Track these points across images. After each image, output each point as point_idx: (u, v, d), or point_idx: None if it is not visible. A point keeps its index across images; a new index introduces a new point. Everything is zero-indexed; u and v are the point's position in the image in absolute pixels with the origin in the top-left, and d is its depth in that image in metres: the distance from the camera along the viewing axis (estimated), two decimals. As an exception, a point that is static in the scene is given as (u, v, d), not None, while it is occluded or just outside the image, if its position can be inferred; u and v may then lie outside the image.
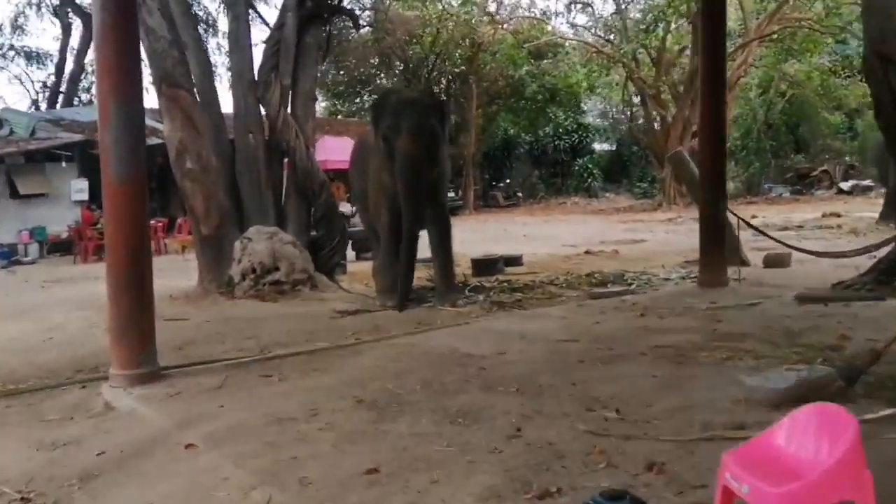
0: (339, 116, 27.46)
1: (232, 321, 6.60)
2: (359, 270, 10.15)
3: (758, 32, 20.45)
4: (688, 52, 21.73)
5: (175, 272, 9.09)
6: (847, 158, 25.95)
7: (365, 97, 28.58)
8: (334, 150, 18.08)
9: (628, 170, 29.38)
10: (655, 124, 22.59)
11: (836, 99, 23.89)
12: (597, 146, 30.68)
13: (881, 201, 20.54)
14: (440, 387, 3.91)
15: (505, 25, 25.20)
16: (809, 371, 3.70)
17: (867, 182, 23.14)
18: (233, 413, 3.66)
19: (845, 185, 23.10)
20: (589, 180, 27.99)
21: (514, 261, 9.78)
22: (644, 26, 20.02)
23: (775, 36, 21.19)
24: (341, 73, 26.59)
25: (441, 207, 7.24)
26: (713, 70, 6.72)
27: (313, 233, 8.92)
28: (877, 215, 15.54)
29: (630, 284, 7.86)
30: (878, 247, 6.84)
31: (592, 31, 22.29)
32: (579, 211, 23.76)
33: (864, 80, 25.07)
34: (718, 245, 6.62)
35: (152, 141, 11.36)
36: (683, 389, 3.66)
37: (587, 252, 11.24)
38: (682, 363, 4.11)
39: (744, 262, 9.00)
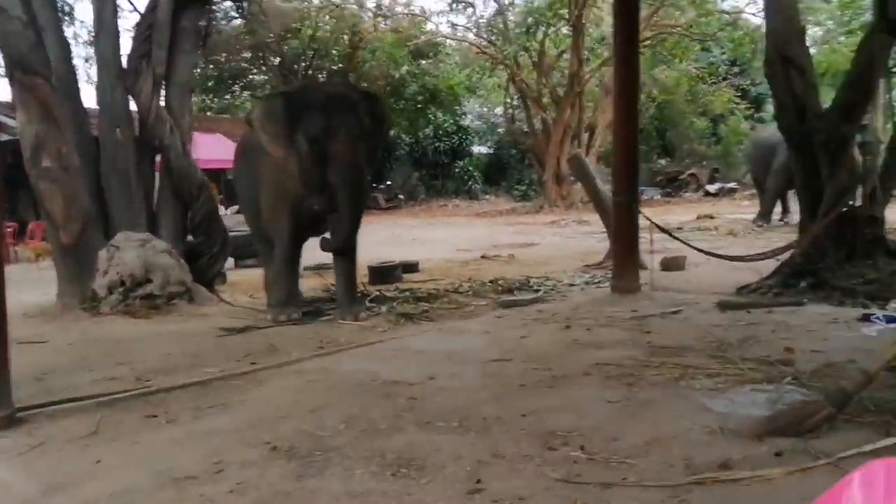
0: (209, 113, 25.98)
1: (99, 343, 5.69)
2: (240, 279, 9.31)
3: (633, 38, 20.87)
4: (567, 55, 21.96)
5: (28, 284, 7.93)
6: (705, 163, 27.16)
7: (237, 93, 27.23)
8: (205, 149, 16.95)
9: (507, 172, 29.51)
10: (536, 127, 22.66)
11: (702, 105, 24.90)
12: (475, 149, 30.66)
13: (746, 203, 21.58)
14: (368, 424, 3.31)
15: (385, 22, 24.65)
16: (777, 391, 3.38)
17: (731, 185, 24.27)
18: (114, 472, 2.91)
19: (712, 188, 24.09)
20: (469, 182, 27.87)
21: (411, 267, 9.24)
22: (524, 28, 19.95)
23: (647, 42, 21.73)
24: (211, 66, 25.15)
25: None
26: (625, 71, 6.46)
27: (190, 239, 8.02)
28: (748, 217, 16.13)
29: (537, 291, 7.52)
30: (783, 250, 6.79)
31: (474, 31, 22.05)
32: (462, 213, 23.54)
33: (730, 86, 26.48)
34: (632, 249, 6.35)
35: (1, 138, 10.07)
36: (647, 418, 3.24)
37: (483, 257, 10.86)
38: (632, 384, 3.70)
39: (640, 266, 8.90)
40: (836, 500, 1.82)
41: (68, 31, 21.48)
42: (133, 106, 7.71)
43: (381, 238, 14.36)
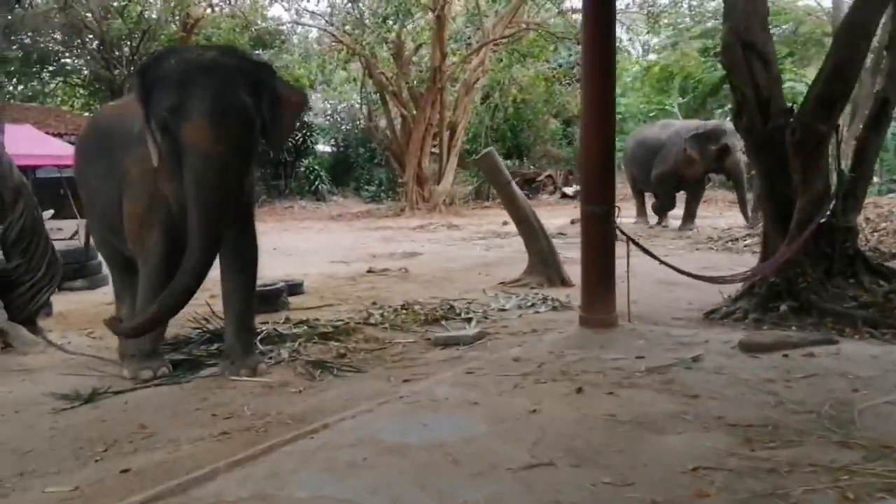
0: (14, 101, 22.35)
1: None
2: (70, 309, 7.22)
3: (493, 34, 20.01)
4: (424, 48, 20.73)
5: None
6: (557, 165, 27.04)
7: (46, 78, 23.70)
8: (13, 142, 14.12)
9: (354, 172, 27.83)
10: (395, 124, 21.19)
11: (558, 105, 24.57)
12: (319, 147, 28.73)
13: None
14: None
15: (221, 5, 22.26)
16: None
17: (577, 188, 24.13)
18: None
19: (569, 191, 23.82)
20: (316, 182, 25.90)
21: (294, 288, 7.53)
22: (381, 18, 18.46)
23: (505, 40, 20.98)
24: (14, 47, 21.60)
25: (249, 228, 4.86)
26: (600, 62, 5.20)
27: (2, 260, 5.91)
28: (626, 219, 15.66)
29: (468, 320, 6.15)
30: (768, 269, 5.82)
31: (326, 19, 20.22)
32: (312, 217, 21.64)
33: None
34: (606, 273, 5.11)
35: None
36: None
37: (370, 271, 9.31)
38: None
39: (564, 282, 7.81)
40: None
41: None
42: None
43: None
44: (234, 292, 4.74)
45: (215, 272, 5.04)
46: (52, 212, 18.44)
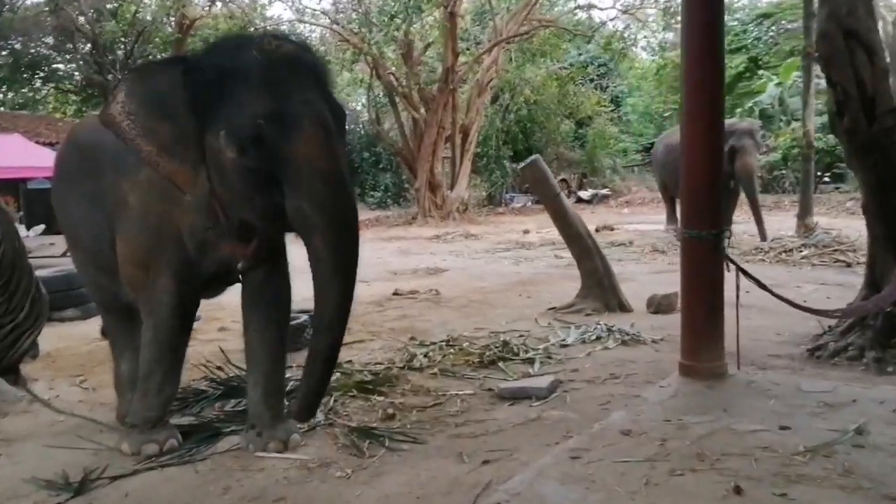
0: (3, 108, 21.35)
1: None
2: (59, 348, 6.27)
3: (506, 32, 19.06)
4: (433, 48, 19.78)
5: None
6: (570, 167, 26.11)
7: (37, 84, 22.72)
8: (2, 152, 13.20)
9: (359, 177, 26.86)
10: (406, 128, 20.19)
11: (571, 106, 23.63)
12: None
13: (626, 211, 20.46)
14: None
15: (219, 6, 21.32)
16: None
17: (604, 191, 23.22)
18: None
19: (585, 195, 22.90)
20: (319, 189, 24.87)
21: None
22: (389, 15, 17.49)
23: (518, 38, 20.04)
24: (4, 53, 20.62)
25: (283, 261, 3.78)
26: (706, 60, 4.25)
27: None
28: (651, 227, 14.74)
29: (529, 360, 5.21)
30: (882, 303, 4.85)
31: (330, 17, 19.23)
32: (318, 225, 20.66)
33: (597, 87, 25.48)
34: (714, 312, 4.16)
35: None
36: None
37: (396, 294, 8.35)
38: None
39: (623, 306, 6.88)
40: None
41: None
42: None
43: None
44: (263, 345, 3.77)
45: (225, 298, 4.15)
46: (43, 226, 17.54)
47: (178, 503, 3.17)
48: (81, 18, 20.10)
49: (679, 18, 20.97)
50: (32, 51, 21.50)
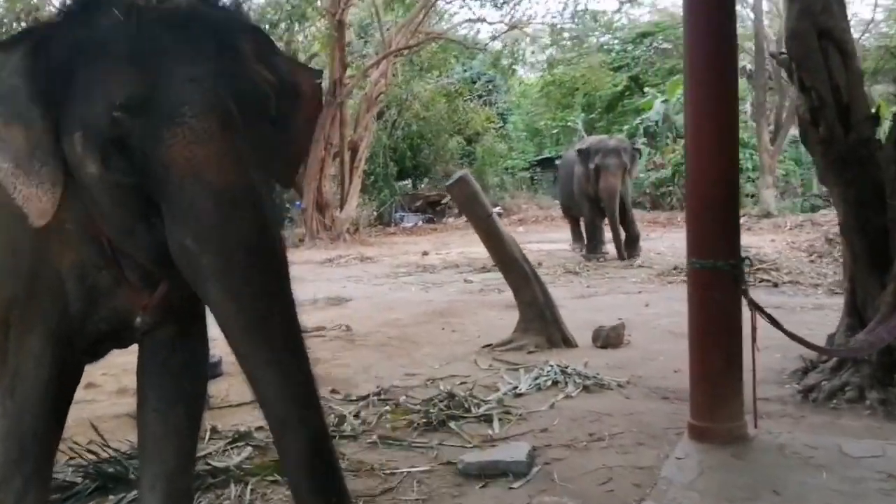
0: None
1: None
2: None
3: (395, 45, 18.24)
4: (317, 59, 18.65)
5: None
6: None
7: None
8: None
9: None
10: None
11: (460, 123, 23.06)
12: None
13: (521, 230, 20.02)
14: None
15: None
16: None
17: (497, 209, 22.71)
18: None
19: (478, 212, 22.33)
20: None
21: (211, 369, 5.40)
22: (271, 23, 16.26)
23: (406, 52, 19.28)
24: None
25: (201, 317, 2.68)
26: (718, 64, 3.53)
27: None
28: (553, 247, 14.21)
29: (484, 417, 4.31)
30: (877, 341, 4.28)
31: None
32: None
33: (485, 102, 25.07)
34: (735, 362, 3.41)
35: None
36: None
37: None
38: None
39: (567, 341, 6.13)
40: None
41: None
42: None
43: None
44: (168, 433, 2.65)
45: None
46: None
47: None
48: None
49: (566, 35, 20.84)
50: None
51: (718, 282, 3.31)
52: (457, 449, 3.84)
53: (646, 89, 24.15)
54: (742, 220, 16.60)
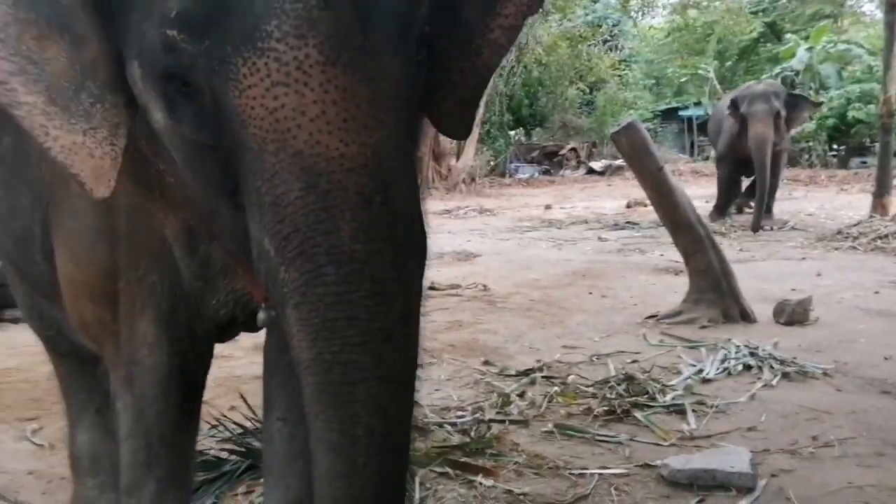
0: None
1: None
2: (9, 369, 4.62)
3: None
4: None
5: None
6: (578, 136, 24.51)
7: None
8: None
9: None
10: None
11: (582, 70, 21.91)
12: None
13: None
14: None
15: None
16: None
17: (619, 162, 21.63)
18: None
19: (597, 166, 21.33)
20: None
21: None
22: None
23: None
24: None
25: None
26: None
27: None
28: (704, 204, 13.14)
29: (674, 408, 3.68)
30: None
31: None
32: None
33: (610, 48, 23.80)
34: None
35: None
36: None
37: (433, 288, 6.73)
38: None
39: (746, 316, 5.37)
40: None
41: None
42: None
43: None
44: (294, 455, 2.05)
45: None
46: None
47: None
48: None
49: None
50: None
51: None
52: (650, 447, 3.25)
53: (787, 35, 22.20)
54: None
